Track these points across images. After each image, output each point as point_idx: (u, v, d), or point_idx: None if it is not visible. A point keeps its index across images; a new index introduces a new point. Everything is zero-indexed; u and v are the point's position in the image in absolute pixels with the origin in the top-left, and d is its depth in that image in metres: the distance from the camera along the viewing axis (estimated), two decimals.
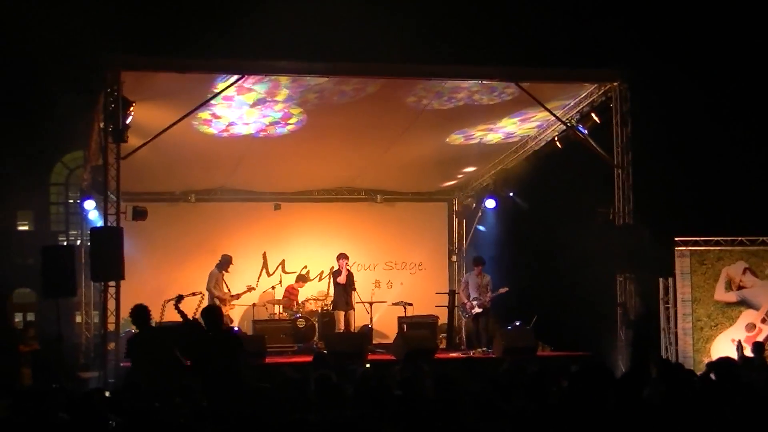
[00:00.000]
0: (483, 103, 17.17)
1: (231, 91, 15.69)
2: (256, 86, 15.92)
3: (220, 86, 15.43)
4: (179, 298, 14.32)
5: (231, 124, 17.57)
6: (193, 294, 18.10)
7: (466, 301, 19.71)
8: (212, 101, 15.91)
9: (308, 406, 8.62)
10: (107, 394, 10.71)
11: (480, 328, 19.45)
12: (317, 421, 7.57)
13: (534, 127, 18.80)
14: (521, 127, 18.75)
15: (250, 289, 20.21)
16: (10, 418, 8.50)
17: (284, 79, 15.80)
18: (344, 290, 19.93)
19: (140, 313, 12.40)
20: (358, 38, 18.00)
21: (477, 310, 19.45)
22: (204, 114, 16.72)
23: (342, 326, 19.58)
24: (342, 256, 20.18)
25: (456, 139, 18.92)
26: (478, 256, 20.38)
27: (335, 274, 20.24)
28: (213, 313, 12.26)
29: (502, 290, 19.49)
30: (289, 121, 17.75)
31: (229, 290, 18.89)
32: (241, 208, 22.21)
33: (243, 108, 16.83)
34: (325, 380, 9.56)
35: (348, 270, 20.12)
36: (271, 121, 17.72)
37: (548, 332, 18.87)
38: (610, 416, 7.08)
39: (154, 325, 13.40)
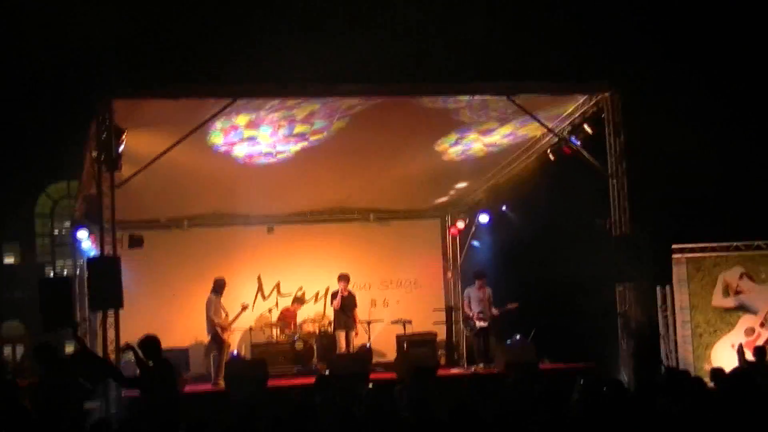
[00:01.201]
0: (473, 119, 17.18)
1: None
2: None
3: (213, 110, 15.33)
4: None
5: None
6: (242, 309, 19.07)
7: (471, 314, 19.63)
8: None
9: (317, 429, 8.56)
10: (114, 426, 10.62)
11: (482, 343, 19.49)
12: None
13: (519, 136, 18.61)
14: (506, 137, 18.58)
15: (245, 307, 19.90)
16: None
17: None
18: (342, 311, 19.90)
19: (151, 343, 12.29)
20: (348, 59, 17.97)
21: (482, 324, 19.47)
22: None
23: (343, 346, 19.52)
24: (340, 278, 20.17)
25: (443, 144, 18.58)
26: (479, 270, 20.35)
27: (333, 296, 20.22)
28: (151, 342, 12.21)
29: (511, 305, 19.49)
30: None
31: (227, 315, 18.64)
32: (234, 232, 22.20)
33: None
34: (331, 402, 9.55)
35: (349, 291, 20.11)
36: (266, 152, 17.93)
37: (547, 344, 18.85)
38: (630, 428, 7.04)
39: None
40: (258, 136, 17.21)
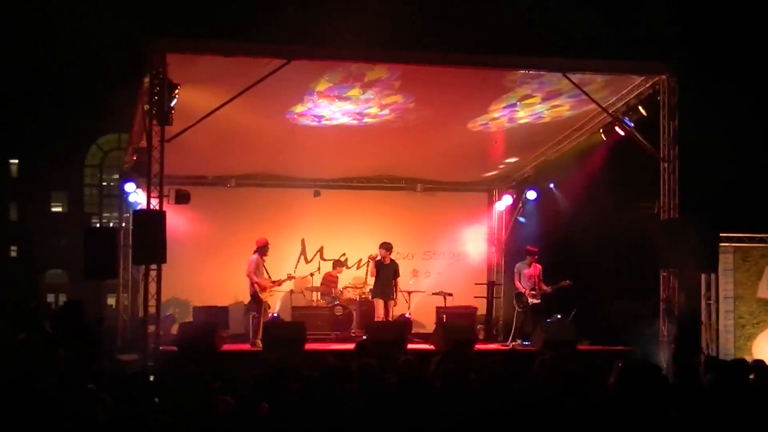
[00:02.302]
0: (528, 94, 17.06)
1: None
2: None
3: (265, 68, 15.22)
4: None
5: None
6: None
7: (523, 290, 19.49)
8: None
9: (351, 394, 8.51)
10: (151, 378, 10.67)
11: (530, 320, 19.34)
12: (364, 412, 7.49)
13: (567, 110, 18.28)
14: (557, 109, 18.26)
15: (291, 277, 20.07)
16: (55, 397, 8.41)
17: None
18: (381, 279, 19.59)
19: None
20: (406, 27, 17.81)
21: (535, 300, 19.38)
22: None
23: (381, 315, 19.29)
24: (382, 246, 19.83)
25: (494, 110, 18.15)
26: (531, 246, 20.11)
27: (377, 263, 19.81)
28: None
29: (564, 283, 19.32)
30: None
31: (269, 276, 18.62)
32: (280, 194, 22.25)
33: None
34: (368, 369, 9.49)
35: (391, 260, 19.82)
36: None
37: (587, 326, 18.66)
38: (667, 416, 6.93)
39: None
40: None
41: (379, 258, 19.73)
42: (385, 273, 19.52)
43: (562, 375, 9.50)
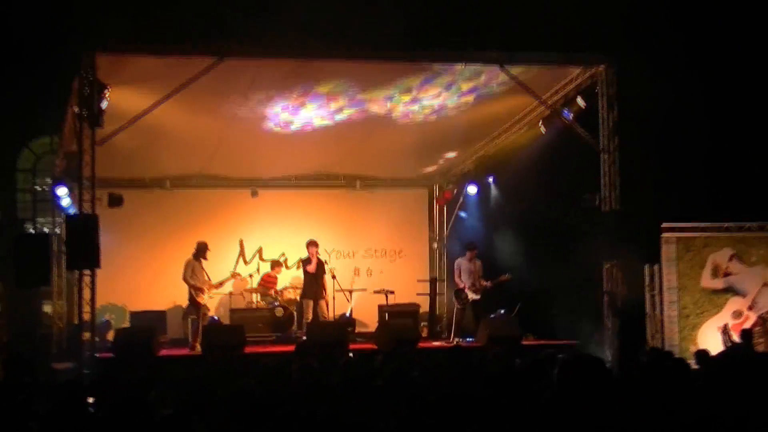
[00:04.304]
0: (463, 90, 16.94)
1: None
2: None
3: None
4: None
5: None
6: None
7: (462, 286, 19.22)
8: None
9: (291, 397, 8.27)
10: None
11: (470, 316, 19.11)
12: (305, 415, 7.27)
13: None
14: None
15: (234, 276, 19.80)
16: None
17: None
18: (314, 279, 19.27)
19: None
20: (338, 22, 17.52)
21: (474, 296, 19.09)
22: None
23: (310, 316, 18.84)
24: (311, 244, 19.47)
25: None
26: (471, 241, 19.92)
27: (305, 262, 19.44)
28: None
29: (504, 277, 19.06)
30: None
31: (209, 278, 18.32)
32: (217, 194, 22.04)
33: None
34: (308, 370, 9.28)
35: (318, 258, 19.44)
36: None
37: (531, 320, 18.62)
38: (607, 409, 6.79)
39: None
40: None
41: (306, 257, 19.36)
42: (316, 272, 19.28)
43: (508, 370, 9.32)
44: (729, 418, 7.07)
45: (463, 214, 22.46)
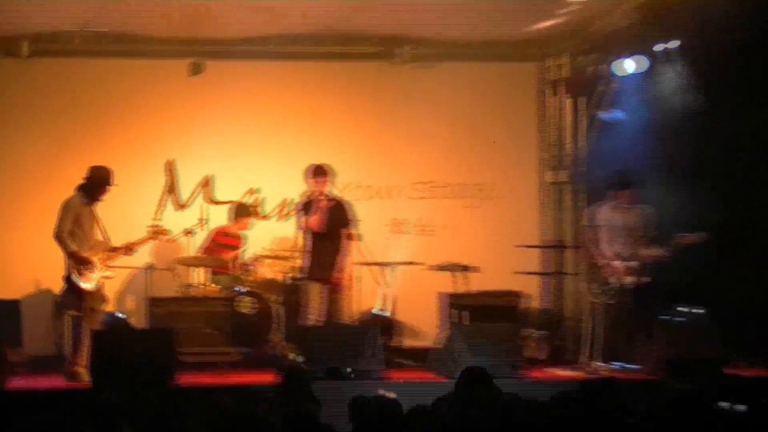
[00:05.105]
0: None
1: None
2: None
3: None
4: None
5: None
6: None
7: (609, 260, 12.42)
8: None
9: None
10: None
11: (622, 317, 12.60)
12: None
13: None
14: None
15: (158, 232, 12.36)
16: None
17: None
18: (323, 242, 12.48)
19: None
20: None
21: (631, 279, 12.24)
22: None
23: (315, 314, 12.35)
24: (317, 172, 12.44)
25: None
26: (621, 173, 12.94)
27: (304, 208, 12.44)
28: None
29: (695, 237, 12.23)
30: None
31: (107, 238, 11.79)
32: (124, 69, 13.84)
33: None
34: (307, 423, 5.86)
35: (330, 200, 12.43)
36: None
37: (739, 332, 12.43)
38: None
39: None
40: None
41: (306, 200, 12.68)
42: (317, 228, 12.71)
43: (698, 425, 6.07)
44: None
45: (607, 115, 14.07)
